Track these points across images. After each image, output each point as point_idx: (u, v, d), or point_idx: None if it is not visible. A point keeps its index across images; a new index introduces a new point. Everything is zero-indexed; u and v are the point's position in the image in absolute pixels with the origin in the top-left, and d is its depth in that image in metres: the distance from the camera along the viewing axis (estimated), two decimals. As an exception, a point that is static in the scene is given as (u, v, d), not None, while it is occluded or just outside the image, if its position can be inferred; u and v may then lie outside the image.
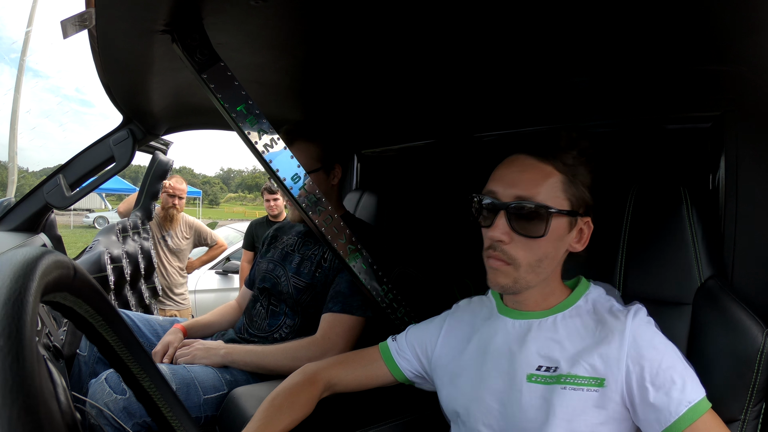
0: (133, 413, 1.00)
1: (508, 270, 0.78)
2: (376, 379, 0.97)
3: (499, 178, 0.80)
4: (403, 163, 2.03)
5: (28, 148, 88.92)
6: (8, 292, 0.26)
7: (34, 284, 0.27)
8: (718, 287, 0.86)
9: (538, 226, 0.76)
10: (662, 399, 0.68)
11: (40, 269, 0.29)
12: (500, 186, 0.79)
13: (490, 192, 0.80)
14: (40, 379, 0.24)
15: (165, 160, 2.42)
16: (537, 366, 0.77)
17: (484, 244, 0.81)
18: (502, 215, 0.77)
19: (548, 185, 0.77)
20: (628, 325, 0.73)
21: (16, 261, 0.28)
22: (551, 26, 0.87)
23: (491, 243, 0.79)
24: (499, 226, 0.77)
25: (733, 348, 0.80)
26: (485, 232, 0.81)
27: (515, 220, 0.76)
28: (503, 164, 0.82)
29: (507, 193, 0.77)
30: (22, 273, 0.28)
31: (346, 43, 1.03)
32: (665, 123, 1.06)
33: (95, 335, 0.39)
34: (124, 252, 2.21)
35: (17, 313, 0.25)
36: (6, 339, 0.23)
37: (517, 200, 0.76)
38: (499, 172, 0.81)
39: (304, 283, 1.33)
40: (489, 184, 0.81)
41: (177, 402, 0.47)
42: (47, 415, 0.24)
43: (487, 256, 0.80)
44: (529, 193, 0.76)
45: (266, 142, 1.04)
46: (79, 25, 0.73)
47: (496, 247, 0.78)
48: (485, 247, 0.81)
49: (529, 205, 0.76)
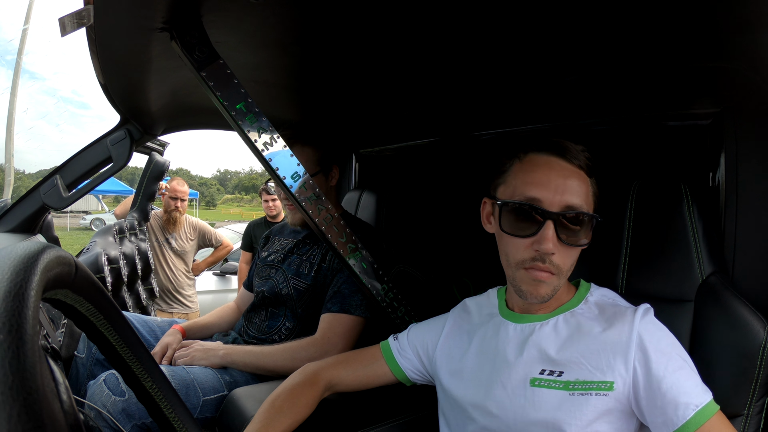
0: (132, 415, 0.99)
1: (552, 280, 0.75)
2: (377, 378, 0.97)
3: (541, 184, 0.74)
4: (402, 162, 2.03)
5: (24, 150, 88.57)
6: (9, 285, 0.25)
7: (35, 278, 0.26)
8: (719, 284, 0.86)
9: (584, 234, 0.75)
10: (669, 403, 0.66)
11: (42, 263, 0.28)
12: (545, 192, 0.73)
13: (532, 199, 0.74)
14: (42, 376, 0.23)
15: (161, 161, 2.42)
16: (540, 370, 0.75)
17: (521, 255, 0.75)
18: (550, 225, 0.72)
19: (587, 192, 0.76)
20: (635, 328, 0.71)
21: (16, 255, 0.28)
22: (550, 25, 0.87)
23: (537, 254, 0.74)
24: (550, 237, 0.72)
25: (736, 344, 0.80)
26: (523, 243, 0.75)
27: (562, 229, 0.73)
28: (538, 167, 0.76)
29: (555, 200, 0.73)
30: (23, 267, 0.27)
31: (344, 42, 1.03)
32: (665, 120, 1.06)
33: (96, 334, 0.39)
34: (122, 253, 2.20)
35: (18, 307, 0.24)
36: (6, 334, 0.22)
37: (567, 209, 0.73)
38: (537, 176, 0.75)
39: (305, 284, 1.33)
40: (526, 189, 0.75)
41: (179, 402, 0.46)
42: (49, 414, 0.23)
43: (528, 267, 0.75)
44: (578, 201, 0.74)
45: (266, 141, 1.04)
46: (77, 22, 0.73)
47: (544, 259, 0.73)
48: (524, 258, 0.75)
49: (580, 215, 0.74)
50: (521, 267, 0.76)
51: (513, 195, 0.77)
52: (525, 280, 0.76)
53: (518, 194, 0.76)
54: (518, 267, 0.76)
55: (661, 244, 0.92)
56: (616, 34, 0.88)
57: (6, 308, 0.24)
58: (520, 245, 0.76)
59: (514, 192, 0.77)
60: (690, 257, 0.88)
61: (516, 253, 0.76)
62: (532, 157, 0.77)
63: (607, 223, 0.84)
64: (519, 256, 0.76)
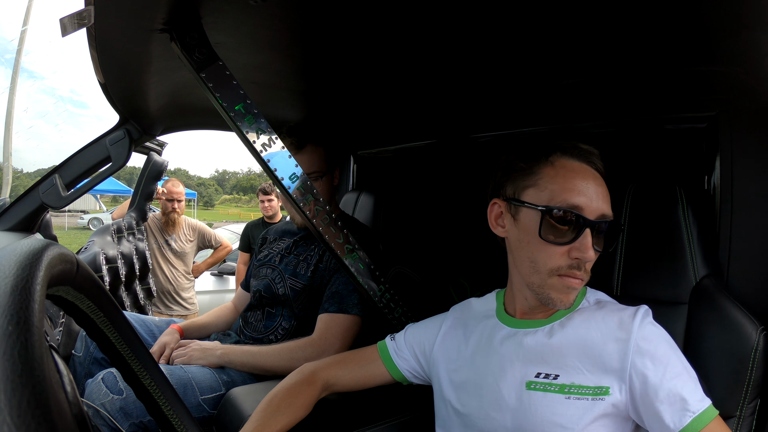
0: (130, 414, 0.99)
1: (581, 286, 0.76)
2: (374, 378, 0.97)
3: (582, 192, 0.74)
4: (400, 163, 2.03)
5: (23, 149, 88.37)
6: (15, 280, 0.26)
7: (40, 274, 0.27)
8: (713, 286, 0.87)
9: (612, 242, 0.77)
10: (666, 410, 0.66)
11: (46, 260, 0.29)
12: (586, 200, 0.73)
13: (576, 207, 0.73)
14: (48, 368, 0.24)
15: (160, 160, 2.42)
16: (536, 373, 0.75)
17: (556, 262, 0.74)
18: (588, 233, 0.73)
19: (609, 198, 0.77)
20: (633, 332, 0.71)
21: (21, 251, 0.28)
22: (547, 28, 0.87)
23: (574, 262, 0.73)
24: (590, 245, 0.72)
25: (729, 346, 0.81)
26: (559, 250, 0.74)
27: (596, 237, 0.74)
28: (575, 174, 0.75)
29: (593, 208, 0.73)
30: (28, 263, 0.28)
31: (342, 44, 1.04)
32: (661, 124, 1.07)
33: (96, 332, 0.39)
34: (119, 253, 2.20)
35: (25, 300, 0.25)
36: (15, 326, 0.23)
37: (602, 218, 0.74)
38: (578, 184, 0.74)
39: (301, 284, 1.33)
40: (570, 196, 0.73)
41: (177, 400, 0.46)
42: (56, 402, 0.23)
43: (564, 275, 0.74)
44: (608, 209, 0.75)
45: (264, 141, 1.04)
46: (78, 23, 0.73)
47: (580, 267, 0.73)
48: (560, 266, 0.74)
49: (614, 224, 0.75)
50: (555, 274, 0.75)
51: (551, 201, 0.75)
52: (557, 287, 0.75)
53: (559, 200, 0.74)
54: (551, 274, 0.75)
55: (656, 247, 0.92)
56: (613, 37, 0.89)
57: (13, 301, 0.24)
58: (555, 252, 0.74)
59: (553, 197, 0.74)
60: (684, 260, 0.89)
61: (550, 260, 0.75)
62: (565, 163, 0.76)
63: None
64: (554, 263, 0.75)
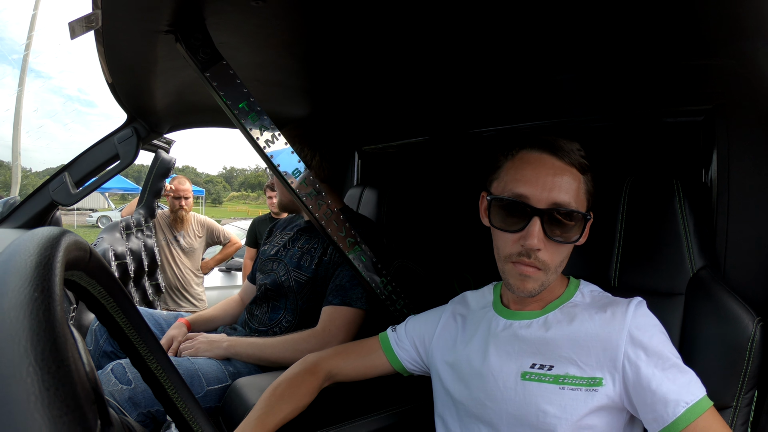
0: (138, 403, 1.02)
1: (539, 275, 0.76)
2: (375, 369, 0.99)
3: (529, 181, 0.75)
4: (404, 159, 2.05)
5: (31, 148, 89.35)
6: (38, 258, 0.29)
7: (59, 255, 0.30)
8: (709, 277, 0.87)
9: (572, 232, 0.76)
10: (659, 401, 0.67)
11: (63, 244, 0.32)
12: (533, 189, 0.74)
13: (520, 195, 0.75)
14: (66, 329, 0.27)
15: (167, 158, 2.45)
16: (531, 364, 0.77)
17: (509, 250, 0.77)
18: (537, 221, 0.73)
19: (578, 190, 0.76)
20: (626, 324, 0.72)
21: (41, 236, 0.31)
22: (546, 23, 0.89)
23: (523, 250, 0.75)
24: (536, 233, 0.73)
25: (725, 337, 0.81)
26: (511, 237, 0.77)
27: (549, 225, 0.74)
28: (528, 164, 0.77)
29: (542, 197, 0.74)
30: (48, 245, 0.31)
31: (345, 41, 1.05)
32: (658, 117, 1.07)
33: (106, 316, 0.42)
34: (128, 249, 2.24)
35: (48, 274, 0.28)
36: (40, 293, 0.27)
37: (554, 206, 0.74)
38: (526, 174, 0.76)
39: (306, 277, 1.35)
40: (515, 186, 0.76)
41: (182, 384, 0.49)
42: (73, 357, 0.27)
43: (514, 261, 0.77)
44: (566, 198, 0.74)
45: (267, 138, 1.06)
46: (86, 26, 0.76)
47: (529, 255, 0.75)
48: (511, 253, 0.77)
49: (568, 212, 0.74)
50: (509, 261, 0.78)
51: (503, 191, 0.78)
52: (512, 274, 0.78)
53: (507, 190, 0.77)
54: (506, 261, 0.78)
55: (653, 239, 0.93)
56: (611, 31, 0.90)
57: (38, 274, 0.28)
58: (508, 240, 0.77)
59: (504, 188, 0.78)
60: (681, 251, 0.90)
61: (504, 247, 0.78)
62: (524, 155, 0.78)
63: (601, 218, 0.86)
64: (507, 250, 0.78)
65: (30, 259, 0.28)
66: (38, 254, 0.29)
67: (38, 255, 0.29)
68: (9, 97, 30.76)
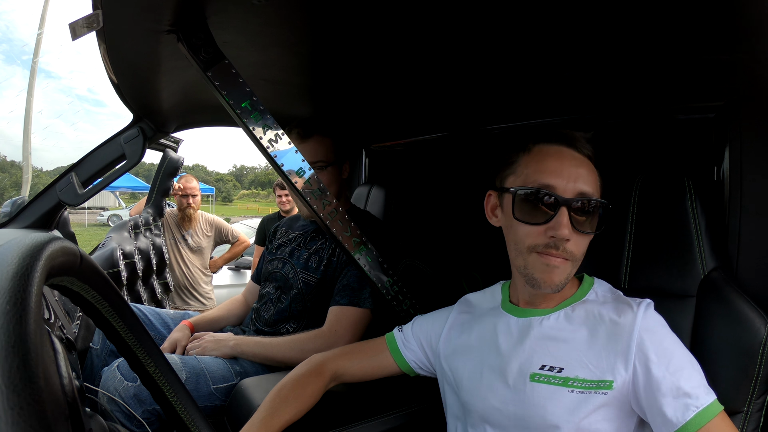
0: (143, 400, 1.03)
1: (566, 266, 0.75)
2: (382, 369, 0.98)
3: (554, 172, 0.75)
4: (411, 157, 2.04)
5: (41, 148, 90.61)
6: (15, 268, 0.29)
7: (40, 263, 0.30)
8: (721, 279, 0.85)
9: (595, 222, 0.76)
10: (669, 403, 0.66)
11: (47, 252, 0.32)
12: (558, 180, 0.75)
13: (547, 186, 0.75)
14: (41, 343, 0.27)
15: (175, 157, 2.46)
16: (540, 365, 0.76)
17: (533, 240, 0.76)
18: (564, 211, 0.73)
19: (595, 180, 0.77)
20: (637, 325, 0.71)
21: (24, 244, 0.31)
22: (558, 20, 0.87)
23: (550, 241, 0.74)
24: (565, 223, 0.73)
25: (737, 340, 0.80)
26: (535, 230, 0.76)
27: (575, 216, 0.74)
28: (550, 156, 0.77)
29: (569, 188, 0.74)
30: (28, 254, 0.31)
31: (350, 39, 1.04)
32: (669, 114, 1.05)
33: (102, 320, 0.42)
34: (136, 248, 2.25)
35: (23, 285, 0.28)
36: (12, 306, 0.26)
37: (580, 196, 0.74)
38: (550, 165, 0.76)
39: (315, 278, 1.35)
40: (540, 177, 0.76)
41: (181, 387, 0.48)
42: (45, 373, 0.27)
43: (542, 253, 0.75)
44: (590, 188, 0.75)
45: (271, 138, 1.06)
46: (87, 27, 0.75)
47: (558, 246, 0.74)
48: (537, 243, 0.76)
49: (594, 202, 0.75)
50: (534, 251, 0.76)
51: (525, 183, 0.77)
52: (538, 266, 0.76)
53: (531, 182, 0.77)
54: (530, 251, 0.76)
55: (664, 239, 0.91)
56: (623, 27, 0.88)
57: (13, 286, 0.28)
58: (532, 232, 0.76)
59: (526, 180, 0.77)
60: (692, 252, 0.88)
61: (527, 238, 0.77)
62: (542, 148, 0.79)
63: (611, 217, 0.84)
64: (531, 241, 0.76)
65: (7, 269, 0.28)
66: (16, 264, 0.29)
67: (16, 265, 0.29)
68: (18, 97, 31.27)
